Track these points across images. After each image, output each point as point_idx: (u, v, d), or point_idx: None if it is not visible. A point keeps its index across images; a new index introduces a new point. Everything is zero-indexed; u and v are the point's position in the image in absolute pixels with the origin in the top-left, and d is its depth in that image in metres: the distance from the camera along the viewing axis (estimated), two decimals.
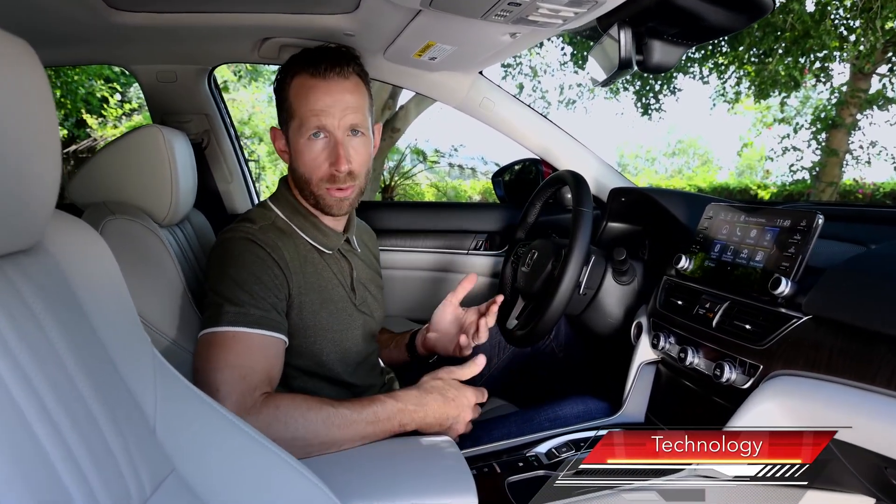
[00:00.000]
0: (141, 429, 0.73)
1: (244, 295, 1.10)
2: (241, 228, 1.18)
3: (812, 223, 1.00)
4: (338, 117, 1.19)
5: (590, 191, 1.41)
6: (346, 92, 1.21)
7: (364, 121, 1.24)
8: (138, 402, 0.74)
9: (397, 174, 9.56)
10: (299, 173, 1.24)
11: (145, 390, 0.76)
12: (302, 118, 1.20)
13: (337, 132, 1.20)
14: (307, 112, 1.19)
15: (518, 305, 1.60)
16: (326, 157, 1.20)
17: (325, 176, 1.21)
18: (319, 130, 1.20)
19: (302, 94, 1.20)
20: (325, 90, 1.19)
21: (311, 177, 1.22)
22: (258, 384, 1.05)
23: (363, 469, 1.02)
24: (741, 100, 9.69)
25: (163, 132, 1.31)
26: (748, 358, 1.03)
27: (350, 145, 1.22)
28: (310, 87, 1.20)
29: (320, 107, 1.18)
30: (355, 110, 1.21)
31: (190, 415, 0.81)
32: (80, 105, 8.69)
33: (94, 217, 1.24)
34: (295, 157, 1.24)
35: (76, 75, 8.37)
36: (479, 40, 1.35)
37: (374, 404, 1.10)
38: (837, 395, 0.86)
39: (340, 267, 1.32)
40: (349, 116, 1.20)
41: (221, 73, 12.97)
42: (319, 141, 1.21)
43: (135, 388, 0.75)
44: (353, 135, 1.22)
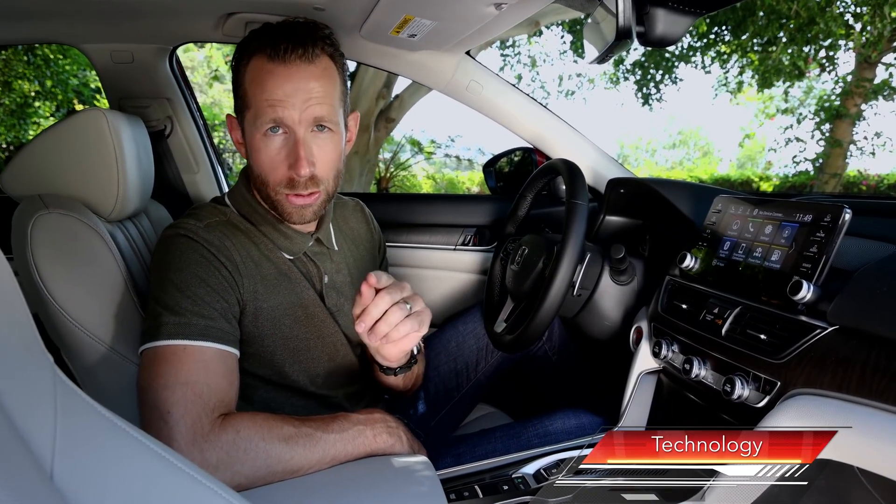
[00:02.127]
0: (30, 485, 0.59)
1: (186, 301, 0.97)
2: (183, 226, 1.04)
3: (838, 218, 0.87)
4: (299, 109, 1.01)
5: (585, 181, 1.28)
6: (310, 79, 1.02)
7: (332, 113, 1.05)
8: (30, 444, 0.61)
9: (393, 165, 9.44)
10: (255, 173, 1.08)
11: (42, 427, 0.63)
12: (257, 108, 1.02)
13: (298, 128, 1.02)
14: (262, 102, 1.01)
15: (507, 307, 1.47)
16: (285, 158, 1.03)
17: (283, 180, 1.04)
18: (277, 125, 1.02)
19: (258, 81, 1.02)
20: (285, 76, 1.01)
21: (267, 179, 1.06)
22: (216, 405, 0.93)
23: (324, 496, 0.92)
24: (743, 90, 9.60)
25: (107, 116, 1.17)
26: (763, 373, 0.90)
27: (314, 143, 1.04)
28: (267, 71, 1.01)
29: (278, 96, 1.00)
30: (321, 101, 1.03)
31: (98, 444, 0.68)
32: (72, 95, 8.57)
33: (26, 212, 1.11)
34: (251, 153, 1.07)
35: (67, 65, 8.25)
36: (461, 13, 1.21)
37: (337, 420, 1.00)
38: (870, 421, 0.73)
39: (308, 270, 1.18)
40: (313, 108, 1.02)
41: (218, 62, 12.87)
42: (277, 137, 1.03)
43: (26, 426, 0.61)
44: (318, 130, 1.05)
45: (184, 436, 0.87)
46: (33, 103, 8.26)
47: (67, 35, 1.56)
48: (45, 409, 0.64)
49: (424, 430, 1.41)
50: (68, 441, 0.64)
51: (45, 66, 8.00)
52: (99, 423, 0.69)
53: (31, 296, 1.09)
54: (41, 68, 7.99)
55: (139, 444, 0.69)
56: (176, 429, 0.87)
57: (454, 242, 1.94)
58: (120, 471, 0.68)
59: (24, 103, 8.10)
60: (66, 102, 8.57)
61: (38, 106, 8.35)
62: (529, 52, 10.52)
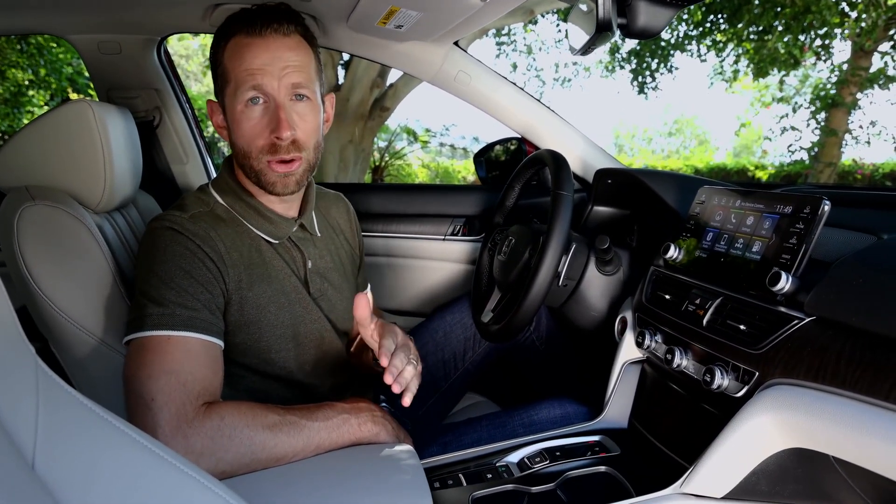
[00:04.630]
0: (10, 476, 0.60)
1: (170, 293, 0.97)
2: (168, 218, 1.05)
3: (817, 209, 0.87)
4: (277, 76, 1.05)
5: (570, 172, 1.28)
6: (285, 49, 1.07)
7: (309, 82, 1.10)
8: (11, 434, 0.62)
9: (388, 154, 9.41)
10: (238, 147, 1.10)
11: (24, 417, 0.64)
12: (237, 80, 1.06)
13: (277, 94, 1.06)
14: (242, 72, 1.05)
15: (494, 297, 1.48)
16: (266, 125, 1.07)
17: (265, 146, 1.07)
18: (258, 95, 1.06)
19: (236, 55, 1.06)
20: (263, 46, 1.05)
21: (249, 148, 1.08)
22: (200, 393, 0.93)
23: (307, 485, 0.92)
24: (739, 78, 9.57)
25: (93, 108, 1.17)
26: (742, 363, 0.91)
27: (294, 110, 1.08)
28: (244, 45, 1.06)
29: (257, 65, 1.04)
30: (298, 69, 1.07)
31: (79, 434, 0.68)
32: (66, 84, 8.51)
33: (12, 203, 1.11)
34: (233, 128, 1.10)
35: (61, 53, 8.19)
36: (447, 4, 1.21)
37: (322, 409, 1.01)
38: (844, 411, 0.74)
39: (292, 256, 1.19)
40: (291, 75, 1.06)
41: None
42: (257, 107, 1.07)
43: (7, 416, 0.62)
44: (297, 99, 1.09)
45: (168, 422, 0.88)
46: (27, 92, 8.20)
47: (54, 26, 1.55)
48: (28, 401, 0.65)
49: (412, 420, 1.42)
50: (51, 432, 0.65)
51: (38, 55, 7.94)
52: (83, 414, 0.69)
53: (18, 288, 1.09)
54: (35, 57, 7.94)
55: (124, 436, 0.70)
56: (160, 415, 0.88)
57: (443, 232, 1.94)
58: (105, 462, 0.68)
59: (17, 92, 8.05)
60: (60, 91, 8.51)
61: (32, 95, 8.30)
62: (525, 39, 10.48)
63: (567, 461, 1.10)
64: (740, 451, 0.85)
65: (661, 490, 0.92)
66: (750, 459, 0.85)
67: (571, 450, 1.13)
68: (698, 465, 0.89)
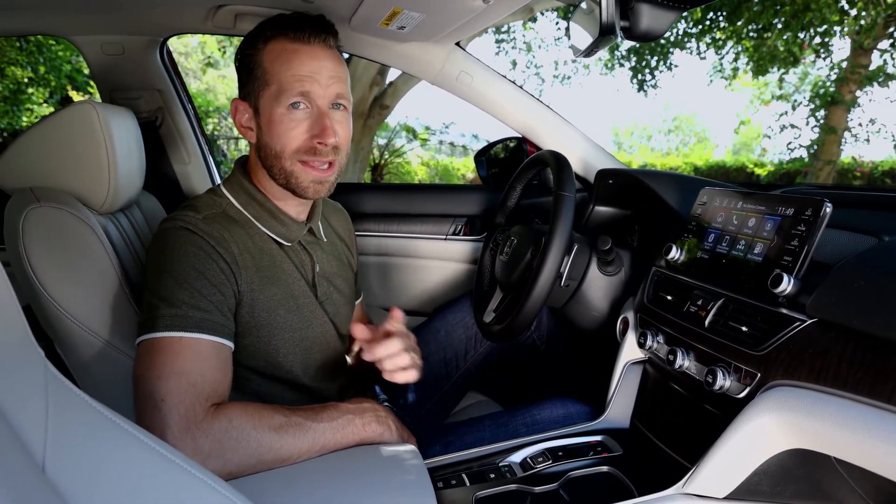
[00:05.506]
0: (22, 478, 0.61)
1: (183, 293, 0.97)
2: (182, 217, 1.05)
3: (819, 212, 0.88)
4: (323, 85, 1.08)
5: (572, 173, 1.28)
6: (330, 59, 1.10)
7: (348, 94, 1.14)
8: (21, 438, 0.62)
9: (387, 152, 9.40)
10: (269, 147, 1.11)
11: (34, 419, 0.64)
12: (282, 84, 1.07)
13: (322, 101, 1.09)
14: (289, 77, 1.07)
15: (496, 297, 1.48)
16: (307, 129, 1.09)
17: (302, 147, 1.09)
18: (301, 101, 1.08)
19: (283, 58, 1.08)
20: (311, 55, 1.08)
21: (283, 149, 1.09)
22: (209, 395, 0.94)
23: (311, 485, 0.92)
24: (738, 76, 9.56)
25: (97, 109, 1.17)
26: (744, 364, 0.91)
27: (334, 118, 1.10)
28: (292, 51, 1.08)
29: (305, 72, 1.07)
30: (341, 80, 1.11)
31: (87, 435, 0.69)
32: (65, 82, 8.51)
33: (17, 205, 1.11)
34: (266, 128, 1.11)
35: (60, 51, 8.18)
36: (450, 6, 1.22)
37: (327, 409, 1.02)
38: (846, 412, 0.74)
39: (301, 259, 1.20)
40: (335, 85, 1.10)
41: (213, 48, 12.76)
42: (299, 112, 1.08)
43: (17, 419, 0.63)
44: (335, 108, 1.11)
45: (177, 423, 0.88)
46: (26, 90, 8.20)
47: (57, 27, 1.55)
48: (37, 403, 0.65)
49: (414, 419, 1.43)
50: (60, 435, 0.66)
51: (37, 53, 7.93)
52: (91, 416, 0.70)
53: (23, 288, 1.10)
54: (34, 54, 7.93)
55: (131, 437, 0.70)
56: (169, 416, 0.89)
57: (445, 232, 1.95)
58: (112, 463, 0.69)
59: (17, 90, 8.04)
60: (60, 89, 8.51)
61: (31, 92, 8.30)
62: (524, 37, 10.47)
63: (570, 461, 1.10)
64: (742, 451, 0.85)
65: (664, 490, 0.93)
66: (752, 460, 0.86)
67: (574, 450, 1.14)
68: (700, 466, 0.90)
